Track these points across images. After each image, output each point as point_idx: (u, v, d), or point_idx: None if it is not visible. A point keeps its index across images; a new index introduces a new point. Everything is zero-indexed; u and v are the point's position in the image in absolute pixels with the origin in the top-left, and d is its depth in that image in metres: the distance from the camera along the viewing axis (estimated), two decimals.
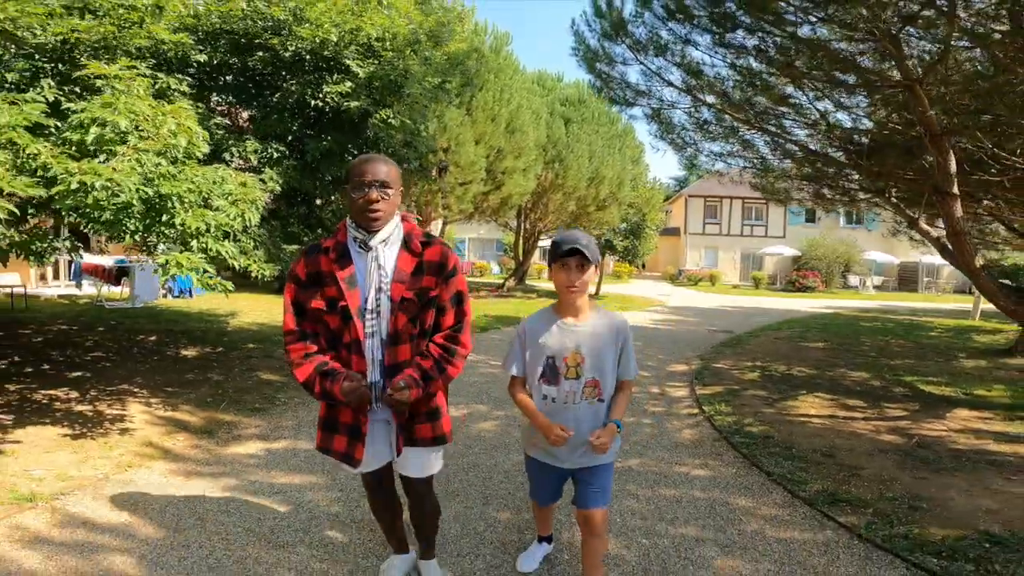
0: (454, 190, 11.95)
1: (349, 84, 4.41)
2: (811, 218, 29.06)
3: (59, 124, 2.49)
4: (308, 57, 4.44)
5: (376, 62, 4.61)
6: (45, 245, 3.36)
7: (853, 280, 27.32)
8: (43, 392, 4.30)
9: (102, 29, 2.89)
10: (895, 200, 6.10)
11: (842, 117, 6.03)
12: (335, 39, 4.15)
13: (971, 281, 5.31)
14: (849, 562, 2.33)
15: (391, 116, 4.81)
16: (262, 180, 3.78)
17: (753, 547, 2.46)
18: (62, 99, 2.67)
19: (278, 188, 3.99)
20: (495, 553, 2.36)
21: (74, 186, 2.25)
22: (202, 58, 3.89)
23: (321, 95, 4.38)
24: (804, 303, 18.76)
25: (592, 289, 17.87)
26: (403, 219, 1.78)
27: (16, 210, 2.29)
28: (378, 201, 1.62)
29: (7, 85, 2.61)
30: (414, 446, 1.81)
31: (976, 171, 5.31)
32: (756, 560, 2.35)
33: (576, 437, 1.85)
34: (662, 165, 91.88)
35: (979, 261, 5.04)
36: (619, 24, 5.85)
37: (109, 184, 2.31)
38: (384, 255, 1.70)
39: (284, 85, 4.48)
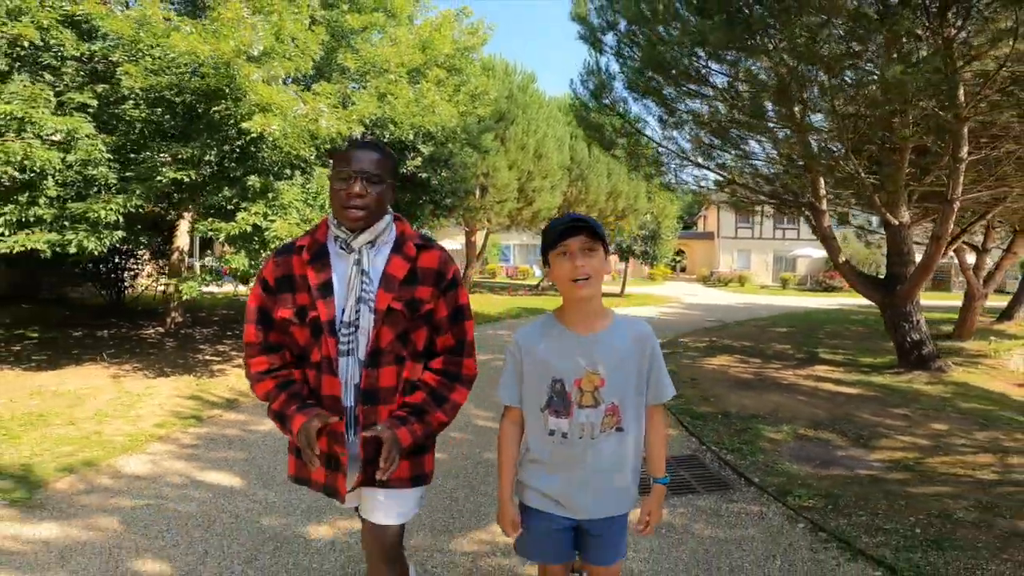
0: (492, 207, 14.86)
1: (419, 160, 7.33)
2: (844, 221, 29.73)
3: (304, 193, 5.46)
4: (396, 143, 7.40)
5: (434, 144, 7.51)
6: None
7: None
8: None
9: (312, 144, 5.90)
10: (805, 213, 8.38)
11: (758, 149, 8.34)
12: (412, 137, 7.06)
13: (838, 272, 7.55)
14: None
15: (444, 176, 7.73)
16: None
17: None
18: (304, 181, 5.69)
19: None
20: None
21: None
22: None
23: (405, 168, 7.32)
24: (819, 301, 20.23)
25: (617, 288, 19.40)
26: (396, 219, 1.53)
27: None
28: (363, 196, 1.39)
29: (285, 175, 5.65)
30: (385, 487, 1.47)
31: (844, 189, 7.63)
32: None
33: (596, 482, 1.46)
34: None
35: (842, 257, 7.24)
36: (602, 85, 8.35)
37: None
38: (369, 259, 1.45)
39: None
